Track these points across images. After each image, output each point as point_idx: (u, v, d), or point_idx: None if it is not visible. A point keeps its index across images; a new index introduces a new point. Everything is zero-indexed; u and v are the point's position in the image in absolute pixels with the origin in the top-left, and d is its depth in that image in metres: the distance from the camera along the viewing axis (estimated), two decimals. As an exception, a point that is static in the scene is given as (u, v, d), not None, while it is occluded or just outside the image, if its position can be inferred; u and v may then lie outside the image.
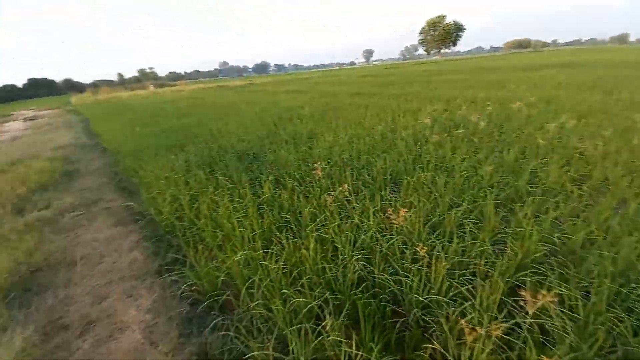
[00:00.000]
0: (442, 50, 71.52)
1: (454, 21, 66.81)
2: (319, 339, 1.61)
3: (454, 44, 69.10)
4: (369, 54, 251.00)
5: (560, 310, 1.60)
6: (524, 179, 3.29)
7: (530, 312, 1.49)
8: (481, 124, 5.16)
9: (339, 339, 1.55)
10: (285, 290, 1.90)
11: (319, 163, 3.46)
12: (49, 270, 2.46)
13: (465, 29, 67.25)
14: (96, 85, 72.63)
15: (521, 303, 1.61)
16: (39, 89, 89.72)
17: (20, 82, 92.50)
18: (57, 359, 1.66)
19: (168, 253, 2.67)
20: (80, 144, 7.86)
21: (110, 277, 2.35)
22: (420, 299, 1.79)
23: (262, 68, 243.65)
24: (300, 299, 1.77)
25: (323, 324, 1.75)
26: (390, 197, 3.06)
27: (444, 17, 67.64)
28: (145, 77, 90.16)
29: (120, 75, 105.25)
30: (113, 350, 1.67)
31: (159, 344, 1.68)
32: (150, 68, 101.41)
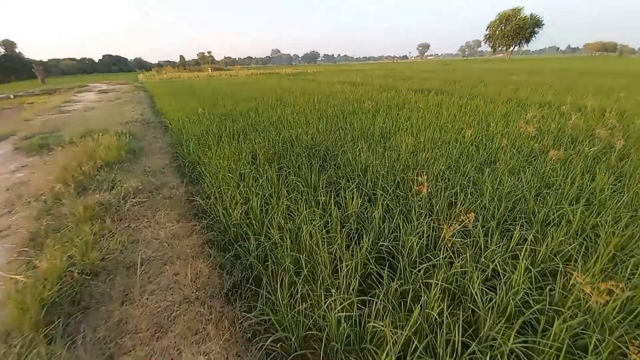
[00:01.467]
0: (510, 48, 64.10)
1: (532, 14, 58.87)
2: None
3: (528, 41, 61.16)
4: (424, 47, 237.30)
5: None
6: None
7: None
8: (617, 142, 3.95)
9: None
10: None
11: (425, 177, 2.71)
12: (105, 276, 2.09)
13: (544, 24, 59.01)
14: (160, 65, 78.38)
15: None
16: (112, 65, 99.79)
17: (96, 57, 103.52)
18: None
19: (236, 269, 2.18)
20: (146, 120, 7.98)
21: (173, 296, 1.91)
22: None
23: (311, 57, 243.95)
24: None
25: None
26: (525, 237, 2.24)
27: (520, 9, 60.01)
28: (203, 61, 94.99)
29: (182, 57, 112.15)
30: None
31: None
32: (208, 52, 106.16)
